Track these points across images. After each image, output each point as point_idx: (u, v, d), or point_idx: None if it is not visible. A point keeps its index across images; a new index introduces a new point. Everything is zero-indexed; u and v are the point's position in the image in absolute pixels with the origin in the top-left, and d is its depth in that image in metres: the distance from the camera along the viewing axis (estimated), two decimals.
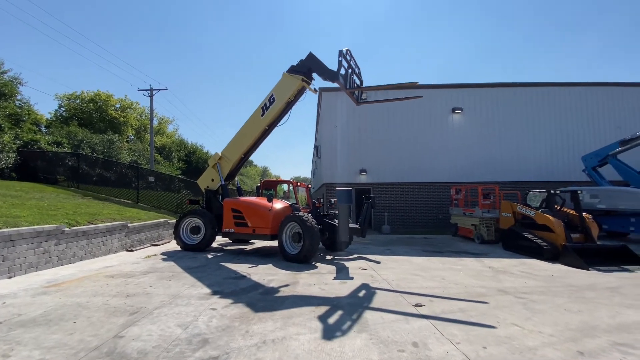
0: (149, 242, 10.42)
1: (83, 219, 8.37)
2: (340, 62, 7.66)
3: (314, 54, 8.66)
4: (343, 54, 7.65)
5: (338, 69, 7.72)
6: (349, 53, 7.91)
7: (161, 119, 39.24)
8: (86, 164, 15.62)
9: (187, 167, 32.35)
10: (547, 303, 4.75)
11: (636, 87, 17.40)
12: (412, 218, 16.61)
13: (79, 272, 6.31)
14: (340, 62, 7.66)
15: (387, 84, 7.96)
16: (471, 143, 16.75)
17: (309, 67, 8.74)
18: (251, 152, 10.67)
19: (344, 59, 7.68)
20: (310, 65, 8.67)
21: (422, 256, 9.06)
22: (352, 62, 8.05)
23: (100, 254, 8.07)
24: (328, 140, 17.03)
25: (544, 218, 9.26)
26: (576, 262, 7.72)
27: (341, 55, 7.64)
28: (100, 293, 4.87)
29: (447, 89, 17.12)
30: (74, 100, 29.02)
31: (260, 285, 5.62)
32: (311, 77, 9.08)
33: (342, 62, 7.67)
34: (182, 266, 7.08)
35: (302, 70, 8.89)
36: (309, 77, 8.99)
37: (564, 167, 16.63)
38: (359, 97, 8.91)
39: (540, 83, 17.42)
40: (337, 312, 4.27)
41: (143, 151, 27.16)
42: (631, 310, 4.52)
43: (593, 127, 17.04)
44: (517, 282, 6.09)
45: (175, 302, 4.52)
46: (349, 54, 7.89)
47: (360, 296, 5.05)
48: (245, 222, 8.93)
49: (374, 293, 5.24)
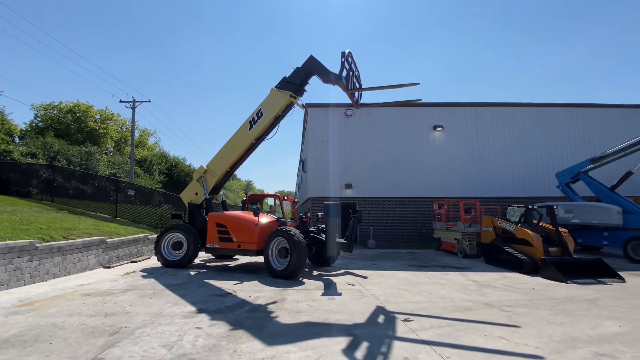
0: (128, 259, 10.00)
1: (58, 234, 7.97)
2: (343, 63, 7.74)
3: (314, 57, 8.69)
4: (345, 56, 7.74)
5: (341, 70, 7.78)
6: (350, 55, 8.00)
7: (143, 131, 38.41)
8: (62, 177, 14.98)
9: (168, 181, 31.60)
10: (531, 316, 4.87)
11: (607, 109, 18.64)
12: (397, 232, 16.77)
13: (52, 290, 5.96)
14: (343, 64, 7.74)
15: (388, 85, 7.97)
16: (452, 159, 17.30)
17: (309, 71, 8.74)
18: (237, 165, 10.58)
19: (345, 61, 7.76)
20: (311, 68, 8.67)
21: (408, 270, 9.12)
22: (352, 64, 8.12)
23: (76, 271, 7.66)
24: (314, 155, 17.15)
25: (523, 232, 9.57)
26: (555, 275, 7.98)
27: (343, 57, 7.74)
28: (76, 312, 4.60)
29: (429, 107, 17.75)
30: (51, 111, 28.07)
31: (247, 303, 5.48)
32: (301, 92, 9.14)
33: (344, 63, 7.74)
34: (164, 283, 6.82)
35: (295, 82, 8.92)
36: (298, 92, 9.05)
37: (540, 183, 17.36)
38: (359, 100, 8.86)
39: (517, 103, 18.36)
40: (327, 329, 4.21)
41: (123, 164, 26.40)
42: (609, 321, 4.69)
43: (566, 145, 17.97)
44: (501, 296, 6.21)
45: (158, 321, 4.32)
46: (350, 56, 7.97)
47: (349, 312, 5.00)
48: (230, 237, 8.74)
49: (362, 309, 5.20)
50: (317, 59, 8.66)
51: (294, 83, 9.00)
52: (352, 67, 8.11)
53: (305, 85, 9.24)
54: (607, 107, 18.73)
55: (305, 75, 8.88)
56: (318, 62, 8.63)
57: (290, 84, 9.07)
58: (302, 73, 8.88)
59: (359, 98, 8.76)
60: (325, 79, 8.44)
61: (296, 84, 8.99)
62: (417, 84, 7.68)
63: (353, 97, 8.50)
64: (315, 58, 8.68)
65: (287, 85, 9.11)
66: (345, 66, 7.85)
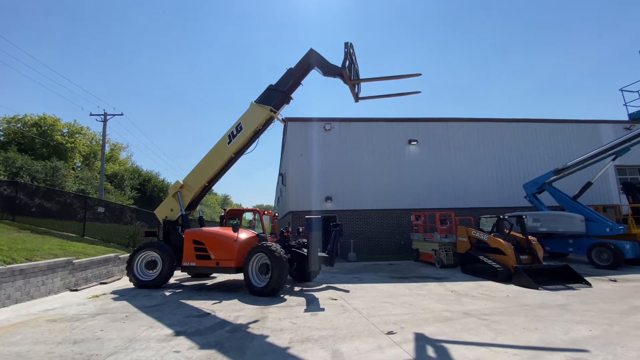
0: (97, 280, 9.42)
1: (20, 256, 7.42)
2: (346, 53, 7.69)
3: (314, 50, 8.64)
4: (348, 47, 7.72)
5: (344, 60, 7.72)
6: (352, 47, 7.96)
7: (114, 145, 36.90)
8: (24, 194, 14.04)
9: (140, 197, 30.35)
10: (507, 323, 5.03)
11: (571, 124, 20.05)
12: (377, 244, 16.92)
13: (14, 316, 5.49)
14: (346, 54, 7.69)
15: (389, 75, 7.98)
16: (426, 172, 17.88)
17: (308, 65, 8.65)
18: (215, 180, 10.38)
19: (348, 52, 7.70)
20: (311, 61, 8.60)
21: (388, 283, 9.19)
22: (354, 56, 8.06)
23: (40, 295, 7.10)
24: (294, 168, 17.17)
25: (496, 242, 9.96)
26: (527, 282, 8.32)
27: (346, 48, 7.70)
28: (42, 340, 4.26)
29: (404, 122, 18.39)
30: (15, 124, 26.48)
31: (227, 323, 5.30)
32: (287, 100, 9.10)
33: (347, 54, 7.68)
34: (137, 305, 6.47)
35: (281, 89, 8.89)
36: (284, 100, 9.06)
37: (510, 193, 18.21)
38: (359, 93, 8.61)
39: (486, 119, 19.41)
40: (311, 346, 4.14)
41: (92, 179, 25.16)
42: (581, 325, 4.93)
43: (534, 158, 19.07)
44: (478, 304, 6.38)
45: (133, 347, 4.08)
46: (352, 47, 7.94)
47: (332, 327, 4.95)
48: (207, 255, 8.46)
49: (346, 323, 5.17)
50: (317, 52, 8.59)
51: (280, 91, 8.94)
52: (353, 59, 8.04)
53: (296, 88, 9.12)
54: (571, 122, 20.17)
55: (303, 71, 8.79)
56: (318, 54, 8.57)
57: (275, 93, 9.01)
58: (298, 71, 8.80)
59: (358, 91, 8.57)
60: (325, 71, 8.38)
61: (282, 92, 8.93)
62: (419, 75, 7.67)
63: (354, 90, 8.32)
64: (316, 51, 8.62)
65: (271, 94, 9.04)
66: (348, 57, 7.76)
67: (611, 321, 5.10)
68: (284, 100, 9.20)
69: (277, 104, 9.18)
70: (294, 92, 9.27)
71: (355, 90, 8.35)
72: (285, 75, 9.06)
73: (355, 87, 8.33)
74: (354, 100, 8.53)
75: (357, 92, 8.49)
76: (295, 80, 9.01)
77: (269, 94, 9.18)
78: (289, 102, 9.33)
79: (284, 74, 9.09)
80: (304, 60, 8.80)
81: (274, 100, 9.08)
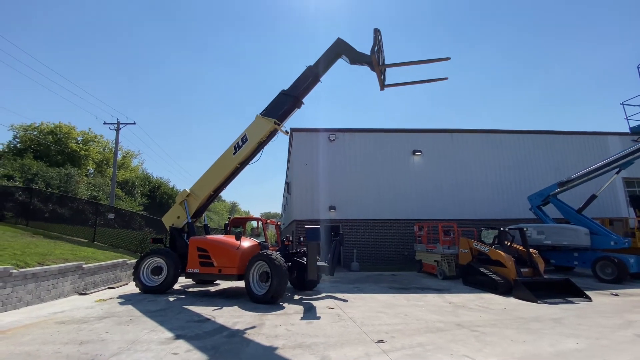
0: (105, 285, 9.76)
1: (32, 260, 7.80)
2: (375, 38, 7.92)
3: (342, 39, 8.88)
4: (377, 33, 7.96)
5: (373, 45, 7.93)
6: (380, 34, 8.17)
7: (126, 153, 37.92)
8: (39, 199, 14.62)
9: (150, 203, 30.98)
10: (497, 335, 5.13)
11: (576, 135, 19.96)
12: (380, 255, 16.96)
13: (25, 318, 5.82)
14: (375, 39, 7.92)
15: (416, 60, 8.11)
16: (430, 182, 17.96)
17: (337, 53, 8.89)
18: (221, 189, 10.71)
19: (376, 37, 7.92)
20: (339, 50, 8.86)
21: (388, 293, 9.28)
22: (381, 43, 8.26)
23: (50, 299, 7.45)
24: (298, 177, 17.47)
25: (497, 254, 9.98)
26: (526, 295, 8.33)
27: (375, 33, 7.96)
28: (50, 341, 4.55)
29: (409, 133, 18.60)
30: (32, 132, 27.56)
31: (225, 328, 5.51)
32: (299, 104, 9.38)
33: (376, 39, 7.90)
34: (142, 310, 6.74)
35: (294, 94, 9.18)
36: (288, 113, 9.38)
37: (515, 205, 18.11)
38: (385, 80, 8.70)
39: (491, 130, 19.45)
40: (302, 352, 4.32)
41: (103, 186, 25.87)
42: (570, 339, 4.99)
43: (537, 170, 18.97)
44: (473, 316, 6.46)
45: (134, 348, 4.33)
46: (380, 34, 8.15)
47: (325, 335, 5.12)
48: (211, 262, 8.72)
49: (339, 332, 5.33)
50: (345, 41, 8.85)
51: (292, 96, 9.22)
52: (380, 45, 8.23)
53: (312, 88, 9.32)
54: (577, 134, 20.05)
55: (329, 62, 9.02)
56: (346, 43, 8.84)
57: (286, 98, 9.29)
58: (323, 62, 9.03)
59: (384, 78, 8.65)
60: (352, 59, 8.62)
61: (293, 97, 9.20)
62: (448, 59, 7.78)
63: (381, 76, 8.44)
64: (343, 40, 8.88)
65: (278, 104, 9.35)
66: (376, 43, 7.97)
67: (601, 335, 5.15)
68: (294, 106, 9.44)
69: (286, 111, 9.39)
70: (309, 92, 9.44)
71: (382, 77, 8.46)
72: (304, 73, 9.25)
73: (382, 73, 8.42)
74: (379, 88, 8.59)
75: (384, 80, 8.58)
76: (314, 77, 9.17)
77: (275, 105, 9.47)
78: (300, 106, 9.59)
79: (303, 72, 9.28)
80: (332, 49, 9.01)
81: (279, 112, 9.40)
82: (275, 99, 9.60)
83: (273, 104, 9.58)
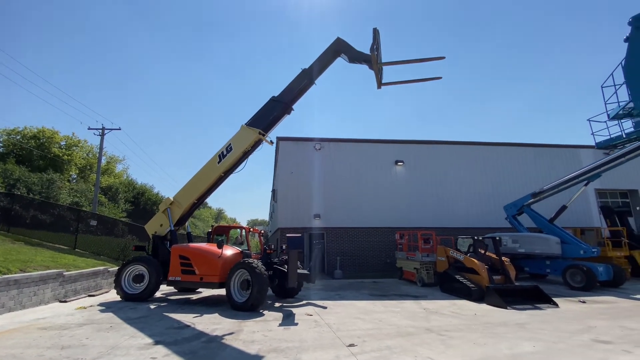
0: (85, 293, 9.72)
1: (15, 267, 7.81)
2: (375, 38, 8.27)
3: (342, 38, 9.22)
4: (375, 32, 8.32)
5: (372, 44, 8.29)
6: (378, 34, 8.52)
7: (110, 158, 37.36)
8: (20, 205, 14.41)
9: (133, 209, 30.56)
10: (462, 338, 5.47)
11: (551, 148, 20.94)
12: (363, 262, 17.26)
13: (8, 324, 5.89)
14: (375, 38, 8.26)
15: (412, 59, 8.54)
16: (412, 191, 18.49)
17: (335, 52, 9.23)
18: (205, 197, 10.87)
19: (375, 37, 8.26)
20: (339, 48, 9.21)
21: (367, 300, 9.57)
22: (379, 42, 8.57)
23: (31, 305, 7.44)
24: (284, 186, 17.71)
25: (471, 262, 10.43)
26: (497, 301, 8.76)
27: (375, 33, 8.31)
28: (33, 345, 4.68)
29: (391, 144, 19.16)
30: (15, 136, 26.99)
31: (204, 334, 5.69)
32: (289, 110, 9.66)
33: (375, 39, 8.24)
34: (122, 317, 6.83)
35: (284, 100, 9.48)
36: (278, 119, 9.67)
37: (492, 214, 18.75)
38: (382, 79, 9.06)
39: (470, 142, 20.25)
40: (276, 355, 4.56)
41: (86, 191, 25.47)
42: (528, 342, 5.38)
43: (515, 181, 19.74)
44: (444, 321, 6.81)
45: (114, 353, 4.49)
46: (378, 34, 8.51)
47: (300, 340, 5.36)
48: (192, 270, 8.83)
49: (314, 337, 5.58)
50: (344, 40, 9.22)
51: (282, 102, 9.51)
52: (379, 44, 8.56)
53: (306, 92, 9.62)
54: (550, 146, 21.03)
55: (327, 61, 9.35)
56: (346, 42, 9.20)
57: (275, 105, 9.57)
58: (320, 62, 9.35)
59: (381, 77, 9.01)
60: (351, 57, 8.98)
61: (283, 103, 9.49)
62: (443, 58, 8.22)
63: (379, 75, 8.79)
64: (343, 39, 9.24)
65: (266, 113, 9.61)
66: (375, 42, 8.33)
67: (559, 339, 5.55)
68: (284, 112, 9.72)
69: (276, 117, 9.64)
70: (302, 95, 9.76)
71: (379, 76, 8.85)
72: (298, 76, 9.56)
73: (380, 70, 8.80)
74: (377, 86, 8.97)
75: (381, 78, 8.97)
76: (309, 79, 9.48)
77: (262, 114, 9.71)
78: (290, 112, 9.87)
79: (298, 75, 9.60)
80: (331, 48, 9.36)
81: (266, 121, 9.67)
82: (264, 107, 9.84)
83: (260, 112, 9.82)
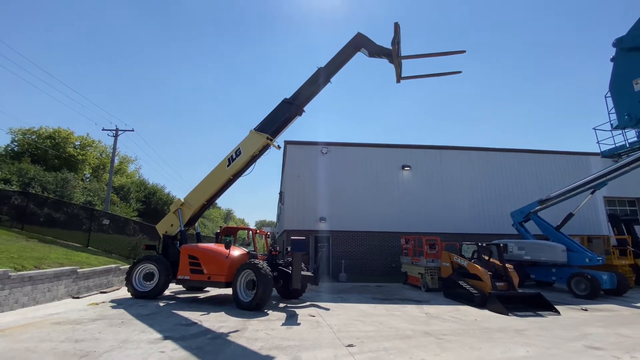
0: (97, 289, 10.11)
1: (29, 264, 8.19)
2: (396, 32, 8.42)
3: (362, 33, 9.44)
4: (397, 26, 8.47)
5: (393, 38, 8.45)
6: (399, 28, 8.63)
7: (123, 158, 38.28)
8: (34, 204, 14.97)
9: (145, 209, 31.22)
10: (458, 342, 5.60)
11: (558, 155, 20.78)
12: (368, 266, 17.39)
13: (22, 319, 6.22)
14: (396, 32, 8.42)
15: (433, 53, 8.68)
16: (419, 196, 18.56)
17: (355, 47, 9.43)
18: (214, 199, 11.20)
19: (396, 32, 8.41)
20: (359, 43, 9.41)
21: (370, 303, 9.71)
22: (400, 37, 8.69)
23: (44, 301, 7.83)
24: (291, 189, 18.00)
25: (474, 268, 10.49)
26: (499, 308, 8.82)
27: (396, 27, 8.46)
28: (47, 339, 4.97)
29: (398, 148, 19.29)
30: (30, 136, 27.93)
31: (210, 331, 5.94)
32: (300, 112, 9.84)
33: (396, 33, 8.38)
34: (133, 313, 7.14)
35: (296, 102, 9.68)
36: (298, 113, 9.86)
37: (498, 221, 18.69)
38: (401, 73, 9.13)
39: (478, 147, 20.22)
40: (277, 353, 4.78)
41: (99, 191, 26.18)
42: (523, 347, 5.48)
43: (522, 187, 19.64)
44: (443, 326, 6.93)
45: (125, 346, 4.77)
46: (399, 28, 8.61)
47: (301, 339, 5.57)
48: (201, 269, 9.14)
49: (314, 336, 5.78)
50: (365, 35, 9.43)
51: (294, 104, 9.71)
52: (399, 39, 8.68)
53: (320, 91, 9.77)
54: (560, 153, 20.87)
55: (347, 55, 9.56)
56: (366, 37, 9.41)
57: (287, 107, 9.78)
58: (340, 57, 9.57)
59: (401, 71, 9.10)
60: (371, 52, 9.17)
61: (296, 105, 9.69)
62: (464, 52, 8.36)
63: (399, 68, 8.91)
64: (363, 34, 9.45)
65: (276, 116, 9.84)
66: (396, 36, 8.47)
67: (553, 345, 5.63)
68: (296, 113, 9.93)
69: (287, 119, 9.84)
70: (316, 95, 9.95)
71: (399, 70, 8.99)
72: (314, 75, 9.76)
73: (400, 64, 8.93)
74: (396, 80, 9.12)
75: (400, 72, 9.09)
76: (325, 77, 9.66)
77: (271, 119, 9.96)
78: (302, 114, 10.08)
79: (314, 73, 9.78)
80: (351, 43, 9.57)
81: (274, 126, 9.90)
82: (275, 109, 10.08)
83: (270, 116, 10.06)
